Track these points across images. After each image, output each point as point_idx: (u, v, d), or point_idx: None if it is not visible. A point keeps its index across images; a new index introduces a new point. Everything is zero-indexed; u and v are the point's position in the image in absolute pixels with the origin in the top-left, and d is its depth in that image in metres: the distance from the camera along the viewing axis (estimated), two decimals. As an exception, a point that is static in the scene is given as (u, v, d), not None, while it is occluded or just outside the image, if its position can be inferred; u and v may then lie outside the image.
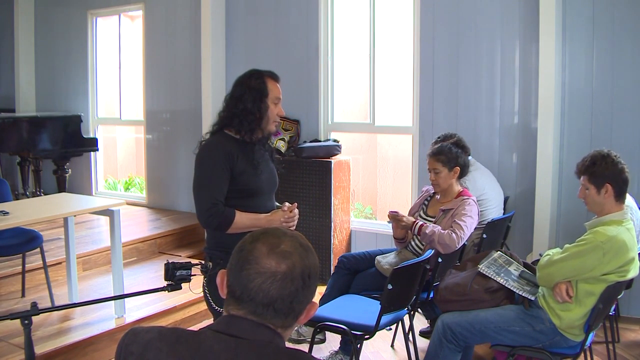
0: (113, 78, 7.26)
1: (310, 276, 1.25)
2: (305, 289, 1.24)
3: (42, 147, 6.22)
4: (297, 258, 1.23)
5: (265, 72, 2.58)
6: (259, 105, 2.50)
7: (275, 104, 2.55)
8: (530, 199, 4.49)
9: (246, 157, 2.49)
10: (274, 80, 2.58)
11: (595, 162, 2.74)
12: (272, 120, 2.55)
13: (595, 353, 3.45)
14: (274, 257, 1.22)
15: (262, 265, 1.21)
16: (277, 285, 1.20)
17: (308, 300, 1.27)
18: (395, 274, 2.91)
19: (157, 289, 2.19)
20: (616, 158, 2.74)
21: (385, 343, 3.91)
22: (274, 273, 1.20)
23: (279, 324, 1.23)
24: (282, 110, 2.60)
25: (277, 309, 1.21)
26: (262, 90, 2.51)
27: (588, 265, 2.60)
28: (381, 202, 6.60)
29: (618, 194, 2.71)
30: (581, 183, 2.80)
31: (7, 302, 4.12)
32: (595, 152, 2.79)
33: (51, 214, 3.76)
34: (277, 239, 1.26)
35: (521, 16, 4.59)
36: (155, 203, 6.71)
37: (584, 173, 2.77)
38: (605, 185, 2.70)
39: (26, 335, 2.01)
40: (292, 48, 5.70)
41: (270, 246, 1.23)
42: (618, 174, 2.71)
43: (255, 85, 2.51)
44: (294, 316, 1.25)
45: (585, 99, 4.40)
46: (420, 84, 5.02)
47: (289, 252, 1.23)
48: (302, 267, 1.23)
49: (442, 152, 3.55)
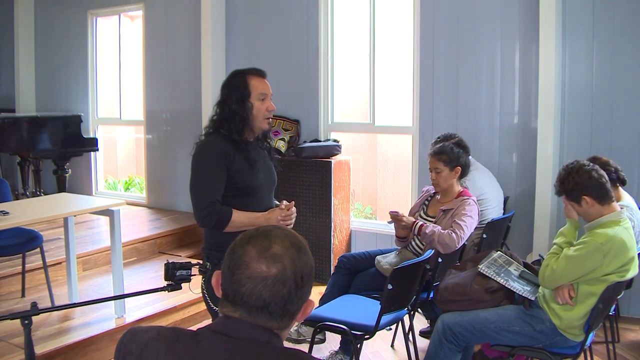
0: (113, 78, 7.26)
1: (303, 277, 1.24)
2: (299, 290, 1.23)
3: (42, 147, 6.22)
4: (288, 260, 1.22)
5: (247, 70, 2.57)
6: (243, 105, 2.49)
7: (261, 100, 2.52)
8: (530, 199, 4.49)
9: (242, 156, 2.49)
10: (258, 77, 2.56)
11: (563, 181, 2.76)
12: (261, 117, 2.53)
13: (595, 353, 3.45)
14: (264, 261, 1.20)
15: (253, 270, 1.20)
16: (269, 289, 1.19)
17: (303, 300, 1.26)
18: (395, 274, 2.91)
19: (157, 289, 2.19)
20: (581, 167, 2.72)
21: (385, 343, 3.91)
22: (265, 277, 1.19)
23: (274, 325, 1.22)
24: (271, 105, 2.56)
25: (272, 311, 1.20)
26: (244, 90, 2.50)
27: (589, 267, 2.61)
28: (381, 202, 6.60)
29: (600, 199, 2.70)
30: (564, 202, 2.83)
31: (7, 302, 4.12)
32: (560, 170, 2.81)
33: (51, 214, 3.76)
34: (268, 240, 1.24)
35: (521, 16, 4.59)
36: (155, 203, 6.71)
37: (561, 193, 2.80)
38: (583, 198, 2.71)
39: (26, 335, 2.01)
40: (292, 48, 5.70)
41: (260, 249, 1.22)
42: (588, 182, 2.69)
43: (237, 86, 2.52)
44: (289, 317, 1.24)
45: (585, 99, 4.40)
46: (420, 84, 5.02)
47: (280, 255, 1.22)
48: (294, 269, 1.22)
49: (444, 151, 3.55)
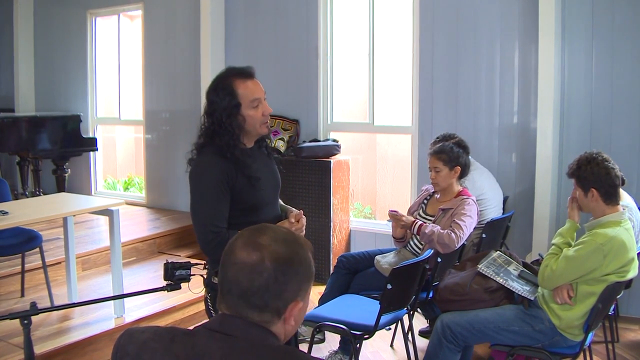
0: (112, 78, 7.25)
1: (285, 272, 1.22)
2: (278, 285, 1.21)
3: (42, 147, 6.22)
4: (269, 250, 1.22)
5: (231, 73, 2.25)
6: (235, 119, 2.20)
7: (254, 107, 2.23)
8: (530, 198, 4.50)
9: (242, 173, 2.23)
10: (246, 79, 2.24)
11: (580, 166, 2.74)
12: (258, 125, 2.26)
13: (594, 353, 3.45)
14: (245, 248, 1.23)
15: (236, 257, 1.23)
16: (246, 277, 1.20)
17: (287, 297, 1.23)
18: (395, 274, 2.91)
19: (157, 288, 2.20)
20: (603, 161, 2.70)
21: (384, 343, 3.91)
22: (244, 264, 1.21)
23: (256, 318, 1.21)
24: (267, 108, 2.27)
25: (250, 302, 1.20)
26: (232, 100, 2.19)
27: (589, 267, 2.60)
28: (380, 202, 6.60)
29: (606, 198, 2.69)
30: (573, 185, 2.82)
31: (7, 302, 4.12)
32: (584, 154, 2.78)
33: (51, 213, 3.76)
34: (259, 232, 1.26)
35: (521, 16, 4.59)
36: (155, 203, 6.71)
37: (573, 176, 2.78)
38: (591, 189, 2.70)
39: (25, 335, 2.02)
40: (291, 48, 5.70)
41: (247, 238, 1.25)
42: (603, 178, 2.68)
43: (223, 96, 2.20)
44: (271, 312, 1.22)
45: (585, 99, 4.40)
46: (419, 84, 5.03)
47: (262, 244, 1.23)
48: (274, 259, 1.21)
49: (443, 151, 3.55)
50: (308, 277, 1.27)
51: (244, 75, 2.24)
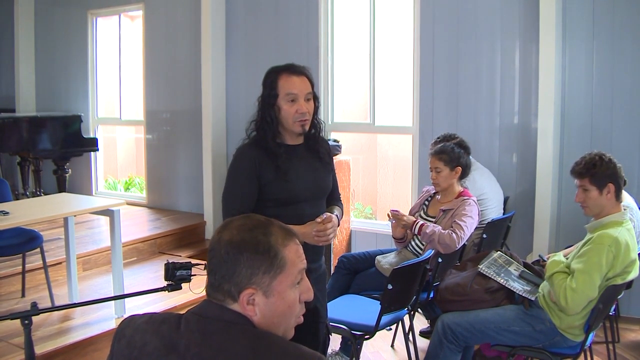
0: (113, 78, 7.26)
1: (230, 253, 1.25)
2: (229, 266, 1.25)
3: (42, 147, 6.21)
4: (227, 233, 1.28)
5: (282, 67, 2.34)
6: (270, 111, 2.30)
7: (290, 102, 2.28)
8: (530, 199, 4.49)
9: (272, 165, 2.29)
10: (291, 74, 2.31)
11: (595, 164, 2.75)
12: (291, 121, 2.30)
13: (595, 353, 3.45)
14: (217, 231, 1.33)
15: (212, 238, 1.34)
16: (208, 256, 1.30)
17: (238, 282, 1.25)
18: (395, 274, 2.91)
19: (157, 289, 2.19)
20: (612, 160, 2.78)
21: (385, 343, 3.91)
22: (210, 244, 1.31)
23: (219, 297, 1.27)
24: (302, 107, 2.29)
25: (211, 280, 1.28)
26: (272, 90, 2.29)
27: (605, 270, 2.60)
28: (381, 202, 6.60)
29: (618, 194, 2.75)
30: (579, 186, 2.80)
31: (7, 302, 4.12)
32: (591, 154, 2.81)
33: (51, 214, 3.76)
34: (243, 218, 1.33)
35: (521, 16, 4.59)
36: (155, 203, 6.71)
37: (585, 175, 2.76)
38: (608, 185, 2.72)
39: (26, 335, 2.02)
40: (292, 48, 5.69)
41: (225, 222, 1.34)
42: (618, 173, 2.76)
43: (266, 86, 2.32)
44: (224, 294, 1.26)
45: (585, 100, 4.40)
46: (420, 84, 5.02)
47: (226, 227, 1.30)
48: (228, 241, 1.27)
49: (444, 151, 3.55)
50: (265, 267, 1.25)
51: (291, 71, 2.32)
